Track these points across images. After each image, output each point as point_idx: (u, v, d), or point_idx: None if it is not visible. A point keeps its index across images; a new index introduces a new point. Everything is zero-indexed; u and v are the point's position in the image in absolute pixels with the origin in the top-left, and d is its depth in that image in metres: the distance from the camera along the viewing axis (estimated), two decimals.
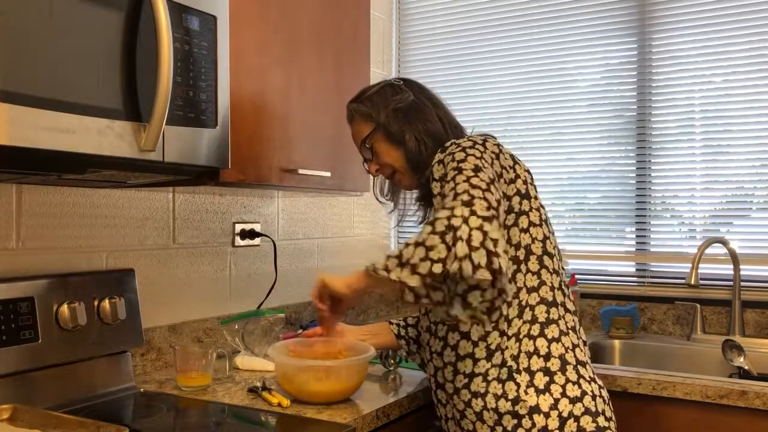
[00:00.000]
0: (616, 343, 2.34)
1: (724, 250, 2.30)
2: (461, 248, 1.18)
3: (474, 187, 1.28)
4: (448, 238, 1.20)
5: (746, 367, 2.06)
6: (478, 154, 1.38)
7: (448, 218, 1.22)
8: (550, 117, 2.67)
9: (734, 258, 2.27)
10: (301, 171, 1.81)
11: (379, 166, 1.63)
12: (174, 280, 1.94)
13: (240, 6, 1.62)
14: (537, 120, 2.70)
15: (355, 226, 2.74)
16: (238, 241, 2.15)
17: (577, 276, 2.52)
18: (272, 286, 2.24)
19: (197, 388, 1.65)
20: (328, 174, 1.92)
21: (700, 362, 2.21)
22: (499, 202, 1.31)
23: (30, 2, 1.09)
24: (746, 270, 2.31)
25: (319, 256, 2.52)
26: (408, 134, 1.55)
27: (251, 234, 2.18)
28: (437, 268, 1.20)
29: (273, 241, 2.25)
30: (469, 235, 1.19)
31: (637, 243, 2.54)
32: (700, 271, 2.23)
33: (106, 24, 1.21)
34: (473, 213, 1.22)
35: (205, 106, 1.40)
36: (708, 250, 2.28)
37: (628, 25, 2.53)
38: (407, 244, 1.25)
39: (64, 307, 1.52)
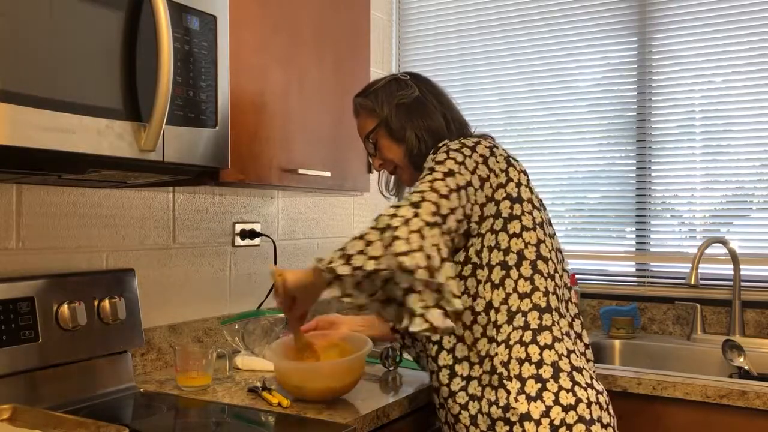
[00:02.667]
0: (616, 343, 2.34)
1: (724, 250, 2.30)
2: (399, 246, 1.22)
3: (432, 190, 1.31)
4: (386, 235, 1.24)
5: (746, 367, 2.06)
6: (460, 158, 1.39)
7: (391, 216, 1.26)
8: (550, 117, 2.67)
9: (734, 258, 2.27)
10: (301, 171, 1.81)
11: (382, 161, 1.63)
12: (174, 280, 1.94)
13: (240, 6, 1.62)
14: (537, 120, 2.70)
15: (355, 226, 2.74)
16: (238, 241, 2.15)
17: (577, 276, 2.52)
18: (272, 286, 2.23)
19: (197, 388, 1.65)
20: (328, 174, 1.92)
21: (700, 362, 2.21)
22: (453, 210, 1.33)
23: (30, 2, 1.09)
24: (746, 270, 2.31)
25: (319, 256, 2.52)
26: (408, 131, 1.55)
27: (251, 234, 2.18)
28: (370, 265, 1.23)
29: (273, 241, 2.25)
30: (408, 237, 1.22)
31: (637, 243, 2.54)
32: (700, 271, 2.23)
33: (106, 24, 1.21)
34: (416, 215, 1.26)
35: (205, 106, 1.40)
36: (708, 250, 2.28)
37: (628, 25, 2.53)
38: (352, 238, 1.29)
39: (64, 307, 1.52)
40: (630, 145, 2.54)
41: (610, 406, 1.44)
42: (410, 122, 1.55)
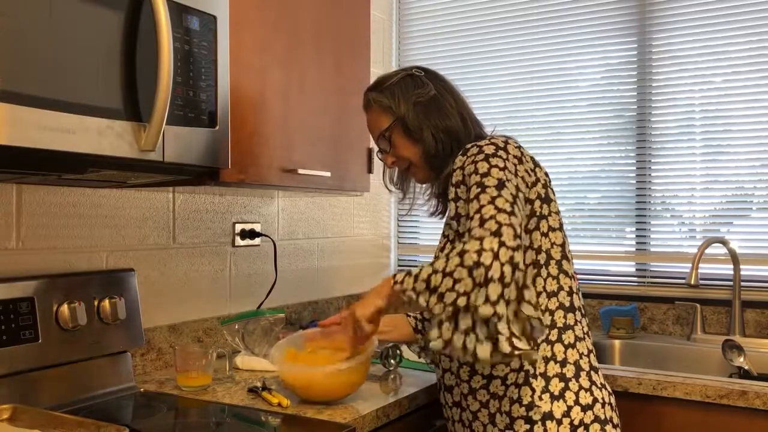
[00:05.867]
0: (617, 343, 2.34)
1: (724, 250, 2.30)
2: (494, 289, 1.17)
3: (500, 211, 1.26)
4: (477, 273, 1.19)
5: (746, 367, 2.06)
6: (501, 164, 1.35)
7: (478, 252, 1.20)
8: (550, 117, 2.67)
9: (734, 258, 2.27)
10: (301, 171, 1.81)
11: (395, 159, 1.59)
12: (174, 280, 1.94)
13: (240, 6, 1.62)
14: (537, 120, 2.70)
15: (355, 226, 2.74)
16: (238, 241, 2.15)
17: (577, 276, 2.52)
18: (272, 286, 2.24)
19: (197, 388, 1.65)
20: (328, 174, 1.92)
21: (700, 362, 2.21)
22: (521, 225, 1.29)
23: (30, 2, 1.09)
24: (746, 270, 2.31)
25: (319, 256, 2.52)
26: (426, 131, 1.51)
27: (251, 234, 2.18)
28: (462, 301, 1.19)
29: (273, 241, 2.25)
30: (502, 273, 1.18)
31: (637, 243, 2.53)
32: (700, 271, 2.23)
33: (106, 24, 1.21)
34: (502, 244, 1.20)
35: (205, 106, 1.40)
36: (708, 250, 2.28)
37: (628, 25, 2.53)
38: (435, 271, 1.24)
39: (64, 307, 1.52)
40: (630, 145, 2.54)
41: (617, 408, 1.46)
42: (428, 122, 1.52)
